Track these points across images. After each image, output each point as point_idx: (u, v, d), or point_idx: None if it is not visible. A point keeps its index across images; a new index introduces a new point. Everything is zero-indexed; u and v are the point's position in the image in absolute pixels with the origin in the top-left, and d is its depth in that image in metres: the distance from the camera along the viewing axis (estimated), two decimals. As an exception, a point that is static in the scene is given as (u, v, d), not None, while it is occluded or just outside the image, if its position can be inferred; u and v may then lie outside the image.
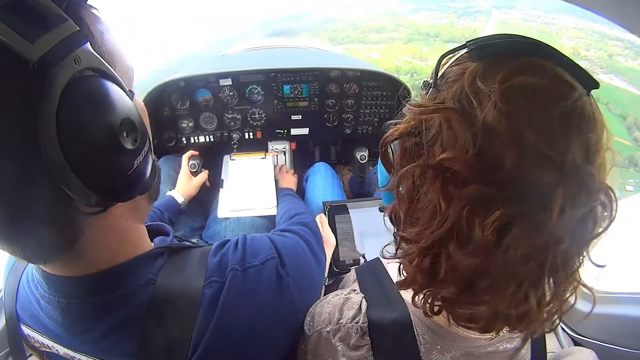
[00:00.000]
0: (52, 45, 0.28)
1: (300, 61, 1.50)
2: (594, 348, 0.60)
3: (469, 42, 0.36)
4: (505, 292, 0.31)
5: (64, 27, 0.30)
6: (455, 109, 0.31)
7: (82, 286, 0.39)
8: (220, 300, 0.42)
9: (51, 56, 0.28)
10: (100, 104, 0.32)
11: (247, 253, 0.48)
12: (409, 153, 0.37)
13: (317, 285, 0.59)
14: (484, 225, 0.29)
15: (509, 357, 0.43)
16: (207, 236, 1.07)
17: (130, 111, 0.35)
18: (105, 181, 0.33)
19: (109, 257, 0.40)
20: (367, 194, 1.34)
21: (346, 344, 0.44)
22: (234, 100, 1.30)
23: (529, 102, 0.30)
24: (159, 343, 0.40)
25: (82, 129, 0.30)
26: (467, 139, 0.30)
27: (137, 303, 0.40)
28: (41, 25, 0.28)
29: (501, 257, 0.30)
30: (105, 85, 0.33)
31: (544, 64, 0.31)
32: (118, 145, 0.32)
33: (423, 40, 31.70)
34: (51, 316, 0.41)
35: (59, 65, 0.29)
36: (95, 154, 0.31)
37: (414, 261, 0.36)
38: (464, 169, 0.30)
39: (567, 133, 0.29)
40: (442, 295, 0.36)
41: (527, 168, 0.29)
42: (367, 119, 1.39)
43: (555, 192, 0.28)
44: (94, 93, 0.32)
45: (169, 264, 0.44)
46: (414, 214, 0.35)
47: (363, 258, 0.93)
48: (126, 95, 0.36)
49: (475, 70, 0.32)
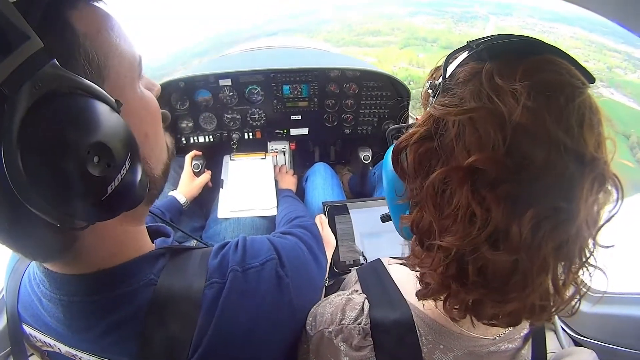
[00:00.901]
0: (8, 73, 0.26)
1: (299, 61, 1.50)
2: (594, 348, 0.60)
3: (471, 42, 0.36)
4: (536, 285, 0.32)
5: (24, 48, 0.27)
6: (485, 108, 0.31)
7: (84, 284, 0.39)
8: (221, 301, 0.42)
9: (8, 84, 0.26)
10: (64, 128, 0.29)
11: (247, 254, 0.48)
12: (424, 159, 0.36)
13: (316, 286, 0.59)
14: (520, 223, 0.30)
15: (510, 356, 0.44)
16: (207, 237, 1.07)
17: (106, 132, 0.31)
18: (75, 207, 0.31)
19: (109, 258, 0.40)
20: (367, 194, 1.34)
21: (349, 345, 0.44)
22: (233, 101, 1.29)
23: (551, 98, 0.30)
24: (159, 343, 0.40)
25: (44, 159, 0.28)
26: (496, 138, 0.30)
27: (138, 303, 0.40)
28: (0, 50, 0.26)
29: (536, 252, 0.30)
30: (74, 106, 0.30)
31: (555, 60, 0.32)
32: (83, 173, 0.30)
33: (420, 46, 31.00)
34: (53, 314, 0.41)
35: (17, 93, 0.27)
36: (60, 182, 0.29)
37: (439, 269, 0.36)
38: (496, 168, 0.30)
39: (583, 126, 0.30)
40: (470, 299, 0.35)
41: (555, 162, 0.29)
42: (366, 119, 1.39)
43: (580, 183, 0.29)
44: (58, 117, 0.29)
45: (170, 265, 0.44)
46: (443, 220, 0.34)
47: (363, 258, 0.93)
48: (110, 110, 0.32)
49: (490, 69, 0.32)
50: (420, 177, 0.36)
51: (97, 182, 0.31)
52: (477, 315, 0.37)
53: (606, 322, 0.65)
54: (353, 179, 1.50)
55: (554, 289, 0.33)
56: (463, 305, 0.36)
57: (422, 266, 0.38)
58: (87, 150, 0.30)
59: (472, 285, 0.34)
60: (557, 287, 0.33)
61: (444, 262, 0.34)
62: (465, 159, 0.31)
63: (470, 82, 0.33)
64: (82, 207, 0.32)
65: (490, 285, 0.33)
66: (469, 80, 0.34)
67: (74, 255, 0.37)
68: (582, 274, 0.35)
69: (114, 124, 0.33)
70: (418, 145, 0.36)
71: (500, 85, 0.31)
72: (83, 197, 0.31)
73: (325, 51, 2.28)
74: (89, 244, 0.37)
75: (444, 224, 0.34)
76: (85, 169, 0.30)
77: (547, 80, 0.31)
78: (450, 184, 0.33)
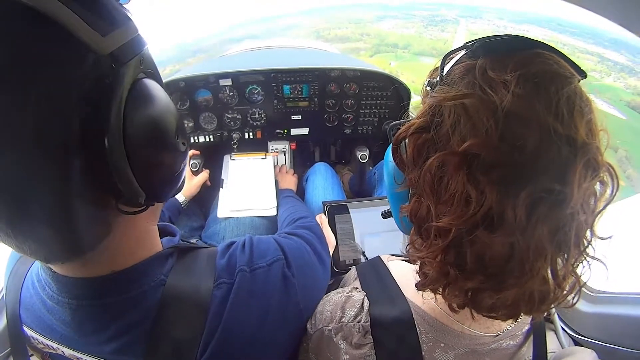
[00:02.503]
0: (122, 43, 0.29)
1: (300, 61, 1.50)
2: (594, 348, 0.60)
3: (467, 43, 0.38)
4: (534, 270, 0.33)
5: (130, 27, 0.31)
6: (477, 94, 0.33)
7: (94, 288, 0.39)
8: (229, 301, 0.42)
9: (121, 53, 0.29)
10: (162, 107, 0.33)
11: (255, 254, 0.48)
12: (422, 148, 0.37)
13: (322, 287, 0.59)
14: (515, 206, 0.30)
15: (511, 354, 0.44)
16: (206, 236, 1.07)
17: (179, 115, 0.36)
18: (156, 181, 0.34)
19: (125, 258, 0.40)
20: (367, 194, 1.34)
21: (348, 343, 0.44)
22: (234, 100, 1.30)
23: (540, 86, 0.31)
24: (168, 344, 0.40)
25: (146, 129, 0.31)
26: (489, 125, 0.31)
27: (148, 304, 0.40)
28: (111, 22, 0.29)
29: (531, 235, 0.31)
30: (161, 89, 0.34)
31: (545, 54, 0.34)
32: (175, 146, 0.34)
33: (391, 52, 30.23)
34: (59, 317, 0.41)
35: (128, 64, 0.29)
36: (154, 154, 0.32)
37: (437, 257, 0.37)
38: (490, 153, 0.31)
39: (573, 113, 0.31)
40: (468, 287, 0.36)
41: (546, 146, 0.30)
42: (367, 119, 1.39)
43: (572, 166, 0.30)
44: (157, 95, 0.33)
45: (178, 265, 0.44)
46: (440, 206, 0.36)
47: (364, 257, 0.93)
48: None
49: (484, 64, 0.34)
50: (418, 166, 0.38)
51: (179, 157, 0.35)
52: (476, 306, 0.37)
53: (606, 322, 0.65)
54: (353, 178, 1.50)
55: (553, 278, 0.34)
56: (462, 294, 0.37)
57: (421, 255, 0.39)
58: (176, 127, 0.34)
59: (470, 271, 0.34)
60: (557, 277, 0.34)
61: (442, 245, 0.35)
62: (460, 145, 0.33)
63: (465, 77, 0.35)
64: (163, 181, 0.35)
65: (488, 271, 0.34)
66: (464, 75, 0.35)
67: (96, 254, 0.36)
68: (582, 266, 0.35)
69: (177, 111, 0.37)
70: (416, 136, 0.38)
71: (492, 77, 0.32)
72: (167, 171, 0.34)
73: (326, 51, 2.28)
74: (114, 242, 0.37)
75: (441, 209, 0.35)
76: (175, 143, 0.34)
77: (536, 70, 0.32)
78: (446, 170, 0.34)
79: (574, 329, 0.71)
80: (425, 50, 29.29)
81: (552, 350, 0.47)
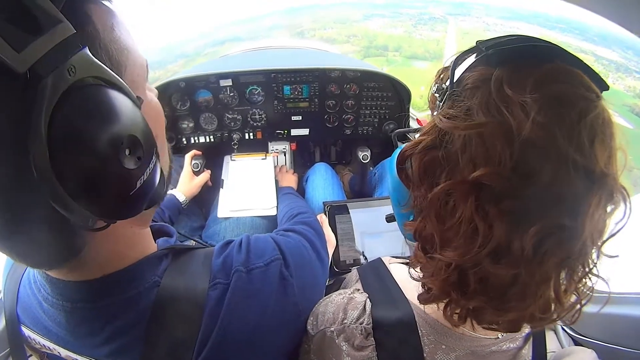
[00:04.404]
0: (41, 55, 0.25)
1: (300, 62, 1.50)
2: (594, 348, 0.60)
3: (481, 44, 0.35)
4: (537, 296, 0.32)
5: (57, 31, 0.26)
6: (494, 122, 0.30)
7: (88, 291, 0.38)
8: (225, 302, 0.42)
9: (41, 67, 0.25)
10: (98, 120, 0.28)
11: (251, 254, 0.47)
12: (429, 168, 0.35)
13: (320, 285, 0.58)
14: (522, 240, 0.29)
15: (511, 356, 0.44)
16: (206, 236, 1.07)
17: (135, 125, 0.31)
18: (103, 202, 0.30)
19: (115, 262, 0.39)
20: (367, 194, 1.35)
21: (350, 344, 0.44)
22: (234, 101, 1.30)
23: (563, 113, 0.29)
24: (163, 346, 0.39)
25: (77, 148, 0.27)
26: (504, 153, 0.29)
27: (142, 306, 0.39)
28: (32, 30, 0.25)
29: (537, 267, 0.30)
30: (106, 97, 0.29)
31: (568, 70, 0.31)
32: (118, 165, 0.29)
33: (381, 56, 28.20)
34: (54, 319, 0.40)
35: (49, 77, 0.25)
36: (91, 176, 0.28)
37: (440, 277, 0.36)
38: (501, 184, 0.29)
39: (594, 141, 0.29)
40: (470, 306, 0.35)
41: (562, 178, 0.28)
42: (367, 119, 1.39)
43: (587, 199, 0.29)
44: (90, 107, 0.28)
45: (173, 266, 0.43)
46: (445, 233, 0.34)
47: (364, 257, 0.93)
48: (133, 105, 0.32)
49: (500, 77, 0.31)
50: (424, 185, 0.36)
51: (129, 176, 0.30)
52: (477, 320, 0.37)
53: (606, 322, 0.65)
54: (354, 179, 1.50)
55: (556, 298, 0.33)
56: (464, 311, 0.36)
57: (424, 272, 0.38)
58: (121, 142, 0.29)
59: (472, 293, 0.34)
60: (559, 296, 0.33)
61: (445, 271, 0.34)
62: (470, 171, 0.30)
63: (479, 90, 0.32)
64: (113, 202, 0.31)
65: (490, 294, 0.33)
66: (477, 87, 0.32)
67: (80, 261, 0.35)
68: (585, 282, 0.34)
69: (140, 119, 0.32)
70: (423, 154, 0.36)
71: (510, 96, 0.30)
72: (115, 192, 0.30)
73: (326, 51, 2.28)
74: (97, 248, 0.36)
75: (445, 236, 0.34)
76: (120, 161, 0.29)
77: (559, 93, 0.29)
78: (453, 195, 0.32)
79: (574, 329, 0.71)
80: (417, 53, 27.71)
81: (552, 350, 0.47)
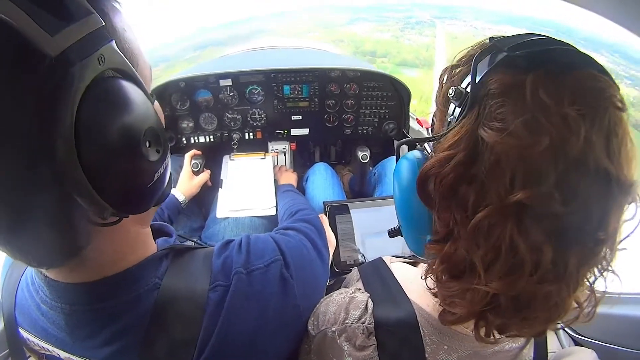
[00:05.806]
0: (74, 41, 0.26)
1: (300, 61, 1.50)
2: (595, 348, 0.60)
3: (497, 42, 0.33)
4: (567, 306, 0.32)
5: (88, 21, 0.27)
6: (536, 138, 0.28)
7: (87, 293, 0.38)
8: (225, 305, 0.41)
9: (73, 53, 0.26)
10: (125, 110, 0.29)
11: (251, 255, 0.47)
12: (456, 185, 0.32)
13: (321, 285, 0.58)
14: (565, 258, 0.29)
15: (513, 356, 0.44)
16: (206, 236, 1.07)
17: (153, 119, 0.32)
18: (122, 194, 0.30)
19: (116, 263, 0.39)
20: (367, 194, 1.34)
21: (352, 344, 0.43)
22: (234, 101, 1.29)
23: (602, 125, 0.28)
24: (163, 347, 0.39)
25: (103, 137, 0.28)
26: (547, 171, 0.28)
27: (142, 309, 0.39)
28: (64, 17, 0.25)
29: (572, 280, 0.31)
30: (130, 89, 0.30)
31: (599, 77, 0.30)
32: (141, 156, 0.30)
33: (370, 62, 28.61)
34: (53, 321, 0.40)
35: (81, 64, 0.26)
36: (115, 165, 0.29)
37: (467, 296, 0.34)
38: (546, 204, 0.28)
39: (621, 150, 0.29)
40: (497, 323, 0.34)
41: (600, 190, 0.28)
42: (367, 119, 1.39)
43: (614, 209, 0.29)
44: (118, 98, 0.29)
45: (173, 267, 0.43)
46: (483, 257, 0.31)
47: (364, 257, 0.93)
48: (149, 100, 0.33)
49: (535, 81, 0.29)
50: (452, 206, 0.33)
51: (150, 166, 0.31)
52: (502, 332, 0.36)
53: (606, 322, 0.65)
54: (353, 179, 1.50)
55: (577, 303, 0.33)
56: (490, 327, 0.35)
57: (445, 293, 0.36)
58: (142, 134, 0.30)
59: (503, 311, 0.33)
60: (579, 301, 0.33)
61: (484, 299, 0.32)
62: (506, 190, 0.29)
63: (509, 97, 0.30)
64: (132, 194, 0.31)
65: (523, 313, 0.33)
66: (506, 93, 0.30)
67: (80, 261, 0.35)
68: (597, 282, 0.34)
69: (155, 113, 0.34)
70: (453, 172, 0.32)
71: (548, 105, 0.28)
72: (135, 182, 0.31)
73: (326, 51, 2.28)
74: (99, 247, 0.35)
75: (485, 261, 0.31)
76: (143, 153, 0.30)
77: (595, 101, 0.29)
78: (489, 218, 0.30)
79: (574, 329, 0.71)
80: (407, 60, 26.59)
81: (552, 350, 0.47)
